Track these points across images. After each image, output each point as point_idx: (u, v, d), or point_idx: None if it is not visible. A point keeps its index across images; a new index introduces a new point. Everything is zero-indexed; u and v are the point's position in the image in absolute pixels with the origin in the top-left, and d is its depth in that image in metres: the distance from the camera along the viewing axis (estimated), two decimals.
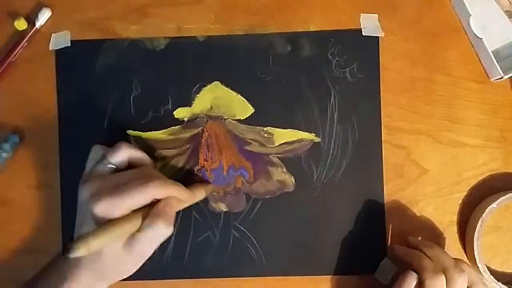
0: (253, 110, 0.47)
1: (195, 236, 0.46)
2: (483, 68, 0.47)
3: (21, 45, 0.47)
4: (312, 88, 0.47)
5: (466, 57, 0.47)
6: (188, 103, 0.47)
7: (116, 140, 0.43)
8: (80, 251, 0.33)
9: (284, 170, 0.46)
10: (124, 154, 0.40)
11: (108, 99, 0.47)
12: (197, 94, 0.47)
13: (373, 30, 0.47)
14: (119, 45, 0.47)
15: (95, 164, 0.40)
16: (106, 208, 0.36)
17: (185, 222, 0.46)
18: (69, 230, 0.45)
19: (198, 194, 0.44)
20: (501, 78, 0.45)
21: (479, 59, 0.47)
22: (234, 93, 0.47)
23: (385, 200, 0.46)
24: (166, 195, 0.38)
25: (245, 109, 0.47)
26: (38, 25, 0.47)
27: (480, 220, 0.44)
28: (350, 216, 0.46)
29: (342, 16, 0.47)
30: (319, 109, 0.47)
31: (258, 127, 0.47)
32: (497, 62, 0.44)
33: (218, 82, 0.47)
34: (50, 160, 0.47)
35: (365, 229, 0.46)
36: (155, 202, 0.38)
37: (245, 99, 0.47)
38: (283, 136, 0.47)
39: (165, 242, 0.46)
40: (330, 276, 0.46)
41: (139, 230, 0.37)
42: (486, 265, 0.44)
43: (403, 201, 0.46)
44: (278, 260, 0.46)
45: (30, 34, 0.47)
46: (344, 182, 0.46)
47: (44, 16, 0.47)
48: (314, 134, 0.47)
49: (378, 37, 0.47)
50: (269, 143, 0.47)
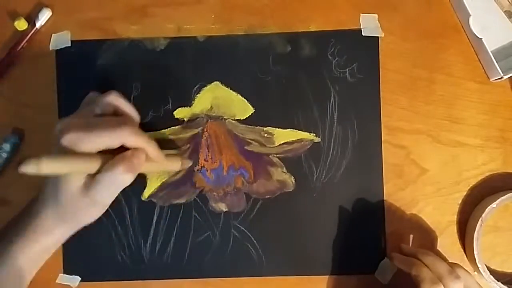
0: (253, 110, 0.47)
1: (195, 236, 0.46)
2: (483, 68, 0.47)
3: (21, 45, 0.47)
4: (312, 88, 0.47)
5: (466, 57, 0.47)
6: (188, 103, 0.47)
7: None
8: (30, 167, 0.32)
9: (284, 170, 0.47)
10: (110, 98, 0.39)
11: None
12: (197, 94, 0.47)
13: (373, 30, 0.47)
14: (119, 45, 0.47)
15: (83, 106, 0.40)
16: (72, 140, 0.35)
17: (185, 222, 0.46)
18: None
19: (173, 163, 0.43)
20: (501, 78, 0.45)
21: (479, 59, 0.47)
22: (234, 93, 0.47)
23: (384, 200, 0.46)
24: (135, 144, 0.37)
25: (245, 109, 0.47)
26: (38, 25, 0.47)
27: (479, 220, 0.44)
28: (350, 216, 0.46)
29: (342, 16, 0.47)
30: (319, 109, 0.47)
31: (258, 127, 0.47)
32: (497, 62, 0.44)
33: (218, 82, 0.47)
34: None
35: (365, 229, 0.46)
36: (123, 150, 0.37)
37: (245, 99, 0.47)
38: (283, 136, 0.47)
39: (165, 242, 0.46)
40: (330, 276, 0.46)
41: (99, 171, 0.36)
42: (486, 265, 0.44)
43: (402, 201, 0.47)
44: (278, 260, 0.46)
45: (30, 34, 0.47)
46: (344, 182, 0.46)
47: (44, 16, 0.47)
48: (314, 134, 0.47)
49: (378, 37, 0.47)
50: (269, 143, 0.47)
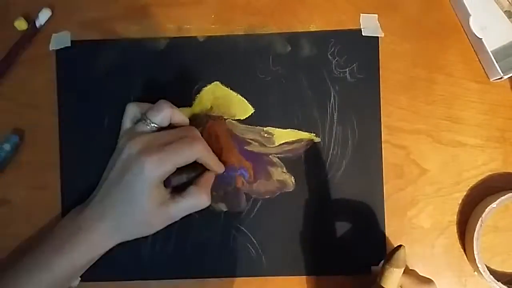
0: (253, 110, 0.47)
1: (195, 236, 0.46)
2: (483, 68, 0.47)
3: (21, 45, 0.47)
4: (312, 88, 0.47)
5: (466, 57, 0.47)
6: (188, 103, 0.47)
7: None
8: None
9: (284, 170, 0.47)
10: (167, 113, 0.41)
11: (108, 99, 0.47)
12: (197, 94, 0.47)
13: (373, 30, 0.47)
14: (119, 45, 0.47)
15: (136, 122, 0.42)
16: (155, 163, 0.37)
17: (185, 222, 0.46)
18: None
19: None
20: (501, 78, 0.45)
21: (479, 59, 0.47)
22: (234, 93, 0.47)
23: (384, 200, 0.46)
24: (208, 159, 0.41)
25: (245, 109, 0.47)
26: (38, 25, 0.47)
27: (479, 220, 0.44)
28: (350, 216, 0.46)
29: (342, 16, 0.47)
30: (319, 109, 0.47)
31: (258, 127, 0.47)
32: (497, 62, 0.44)
33: (218, 82, 0.47)
34: (50, 160, 0.47)
35: (365, 229, 0.46)
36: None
37: (245, 99, 0.47)
38: (283, 136, 0.47)
39: (165, 242, 0.46)
40: (329, 276, 0.46)
41: (182, 195, 0.39)
42: (486, 265, 0.44)
43: (402, 201, 0.47)
44: (278, 260, 0.46)
45: (30, 34, 0.47)
46: (344, 182, 0.46)
47: (44, 16, 0.47)
48: (314, 134, 0.47)
49: (378, 37, 0.47)
50: (269, 143, 0.47)
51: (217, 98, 0.47)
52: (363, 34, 0.47)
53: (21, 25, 0.47)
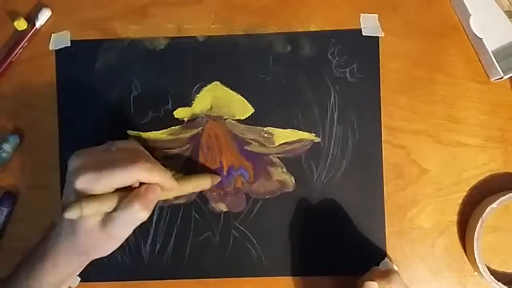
0: (253, 110, 0.47)
1: (195, 236, 0.46)
2: (483, 68, 0.47)
3: (21, 45, 0.47)
4: (312, 88, 0.47)
5: (466, 57, 0.47)
6: (188, 103, 0.47)
7: (117, 140, 0.43)
8: (73, 213, 0.34)
9: (284, 170, 0.46)
10: (131, 145, 0.41)
11: (108, 99, 0.47)
12: (197, 94, 0.47)
13: (373, 30, 0.47)
14: (119, 45, 0.47)
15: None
16: (86, 182, 0.35)
17: (185, 222, 0.46)
18: None
19: (199, 184, 0.44)
20: (501, 78, 0.45)
21: (479, 59, 0.47)
22: (234, 93, 0.47)
23: (385, 200, 0.46)
24: (150, 179, 0.38)
25: (245, 109, 0.47)
26: (38, 25, 0.47)
27: (480, 220, 0.44)
28: (350, 216, 0.46)
29: (342, 16, 0.47)
30: (319, 109, 0.47)
31: (258, 127, 0.47)
32: (497, 62, 0.44)
33: (218, 82, 0.47)
34: (50, 160, 0.47)
35: (365, 229, 0.46)
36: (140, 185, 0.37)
37: (245, 99, 0.47)
38: (283, 136, 0.47)
39: (165, 242, 0.46)
40: (330, 276, 0.46)
41: (115, 209, 0.36)
42: (486, 265, 0.44)
43: (403, 201, 0.46)
44: (278, 260, 0.46)
45: (30, 34, 0.47)
46: (344, 182, 0.46)
47: (44, 16, 0.47)
48: (314, 134, 0.47)
49: (378, 37, 0.47)
50: (269, 143, 0.47)
51: (217, 98, 0.47)
52: (363, 34, 0.47)
53: (21, 25, 0.47)
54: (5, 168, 0.47)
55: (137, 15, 0.48)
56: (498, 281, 0.44)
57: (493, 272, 0.45)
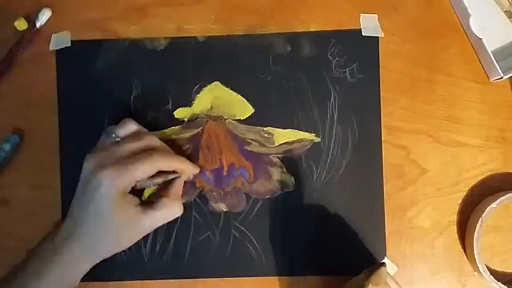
0: (253, 110, 0.47)
1: (195, 236, 0.46)
2: (483, 68, 0.47)
3: (21, 45, 0.47)
4: (312, 88, 0.47)
5: (466, 57, 0.47)
6: (188, 103, 0.47)
7: None
8: None
9: (284, 170, 0.46)
10: (130, 129, 0.42)
11: (108, 99, 0.47)
12: (197, 94, 0.47)
13: (373, 30, 0.47)
14: (119, 45, 0.47)
15: (102, 138, 0.42)
16: (112, 177, 0.37)
17: (185, 222, 0.46)
18: None
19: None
20: (501, 78, 0.45)
21: (479, 59, 0.47)
22: (234, 93, 0.47)
23: (384, 200, 0.46)
24: (170, 166, 0.40)
25: (245, 109, 0.47)
26: (38, 25, 0.47)
27: (480, 220, 0.44)
28: (350, 216, 0.46)
29: (342, 16, 0.47)
30: (319, 109, 0.47)
31: (258, 127, 0.47)
32: (497, 62, 0.44)
33: (218, 82, 0.47)
34: (50, 160, 0.47)
35: (365, 229, 0.46)
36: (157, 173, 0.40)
37: (245, 99, 0.47)
38: (283, 136, 0.47)
39: (165, 242, 0.46)
40: (329, 276, 0.46)
41: (153, 207, 0.38)
42: (486, 265, 0.44)
43: (403, 201, 0.47)
44: (278, 260, 0.46)
45: (30, 34, 0.47)
46: (344, 182, 0.46)
47: (44, 16, 0.47)
48: (314, 134, 0.47)
49: (378, 37, 0.47)
50: (269, 143, 0.47)
51: (217, 98, 0.47)
52: (363, 34, 0.47)
53: (21, 25, 0.47)
54: (5, 168, 0.47)
55: (137, 15, 0.48)
56: (498, 281, 0.44)
57: (493, 272, 0.45)
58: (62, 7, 0.48)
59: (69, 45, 0.47)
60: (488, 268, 0.44)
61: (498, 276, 0.45)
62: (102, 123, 0.47)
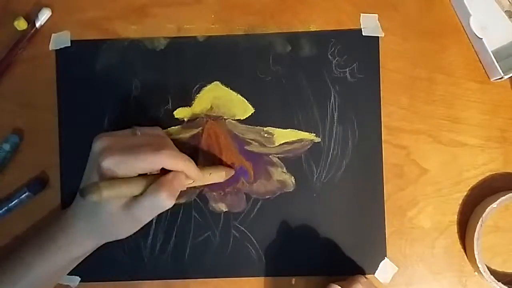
0: (253, 110, 0.47)
1: (195, 236, 0.46)
2: (483, 68, 0.47)
3: (21, 45, 0.47)
4: (312, 88, 0.47)
5: (466, 57, 0.47)
6: (188, 103, 0.47)
7: None
8: (94, 196, 0.34)
9: (284, 170, 0.46)
10: (154, 129, 0.42)
11: (108, 99, 0.47)
12: (197, 94, 0.47)
13: (373, 30, 0.47)
14: (119, 45, 0.47)
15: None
16: (113, 164, 0.36)
17: (185, 222, 0.46)
18: None
19: (215, 176, 0.44)
20: (501, 78, 0.45)
21: (479, 59, 0.47)
22: (234, 93, 0.47)
23: (385, 200, 0.46)
24: (175, 167, 0.39)
25: (245, 109, 0.47)
26: (38, 25, 0.47)
27: (480, 220, 0.44)
28: (350, 216, 0.46)
29: (342, 16, 0.47)
30: (319, 109, 0.47)
31: (258, 127, 0.47)
32: (497, 62, 0.44)
33: (218, 82, 0.47)
34: (50, 160, 0.47)
35: (365, 229, 0.46)
36: (163, 172, 0.38)
37: (245, 99, 0.47)
38: (283, 136, 0.47)
39: (165, 242, 0.46)
40: (329, 276, 0.46)
41: (142, 194, 0.37)
42: (486, 265, 0.44)
43: (403, 201, 0.46)
44: (278, 260, 0.46)
45: (30, 34, 0.47)
46: (344, 182, 0.46)
47: (44, 16, 0.47)
48: (314, 134, 0.47)
49: (378, 37, 0.47)
50: (269, 143, 0.47)
51: (217, 98, 0.47)
52: (363, 34, 0.47)
53: (21, 25, 0.47)
54: (5, 168, 0.47)
55: (137, 15, 0.48)
56: (498, 281, 0.44)
57: (493, 272, 0.45)
58: (62, 7, 0.48)
59: (69, 45, 0.47)
60: (489, 268, 0.44)
61: (499, 276, 0.45)
62: (102, 123, 0.47)
